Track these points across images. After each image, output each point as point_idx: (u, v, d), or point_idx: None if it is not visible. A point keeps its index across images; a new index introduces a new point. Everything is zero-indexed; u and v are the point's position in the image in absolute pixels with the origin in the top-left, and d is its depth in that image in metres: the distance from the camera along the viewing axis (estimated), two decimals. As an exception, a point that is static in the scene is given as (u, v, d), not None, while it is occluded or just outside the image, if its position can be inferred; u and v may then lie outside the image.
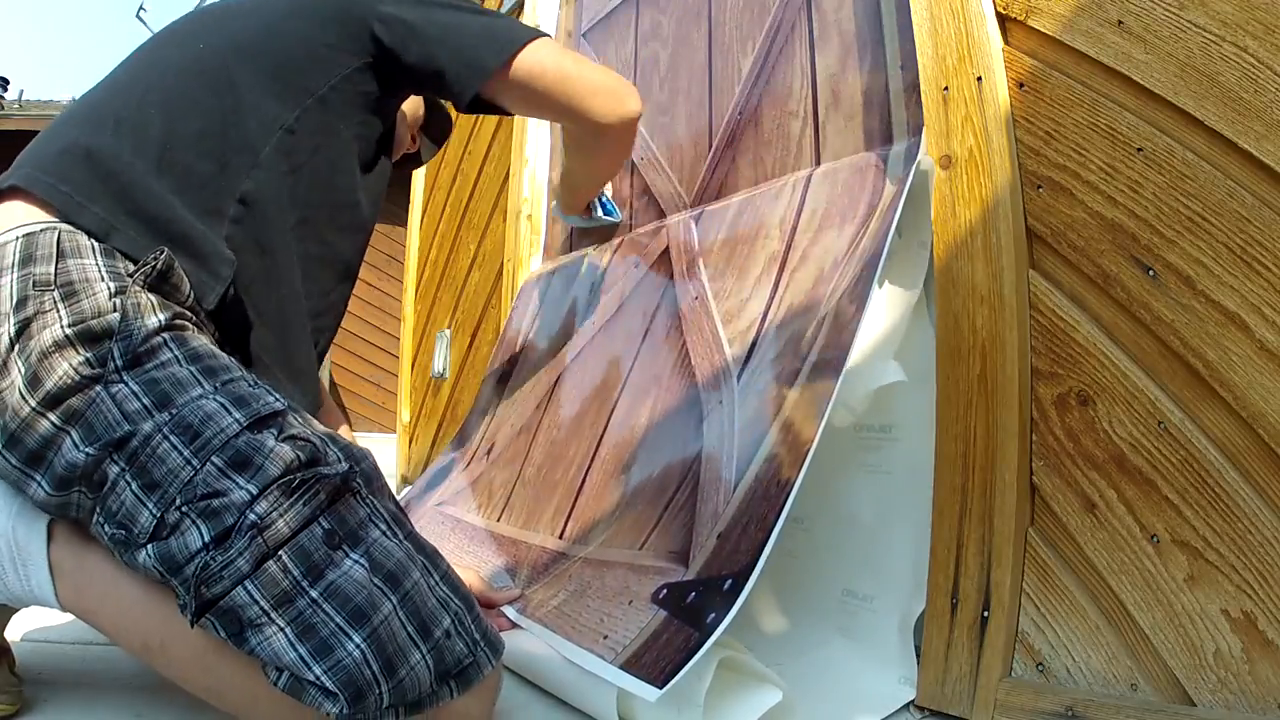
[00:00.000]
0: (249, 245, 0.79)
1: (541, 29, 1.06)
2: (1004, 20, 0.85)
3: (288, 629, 0.60)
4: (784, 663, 0.86)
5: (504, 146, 1.91)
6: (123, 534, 0.62)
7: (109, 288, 0.68)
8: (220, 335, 0.78)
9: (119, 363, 0.65)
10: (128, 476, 0.63)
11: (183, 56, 0.84)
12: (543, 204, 1.77)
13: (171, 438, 0.63)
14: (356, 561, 0.63)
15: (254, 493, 0.61)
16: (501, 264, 1.81)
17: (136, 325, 0.67)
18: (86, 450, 0.63)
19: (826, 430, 0.75)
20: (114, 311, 0.67)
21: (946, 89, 0.87)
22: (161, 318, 0.69)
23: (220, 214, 0.78)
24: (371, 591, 0.62)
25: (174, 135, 0.78)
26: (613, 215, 1.44)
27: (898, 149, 0.93)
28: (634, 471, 1.00)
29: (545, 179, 1.78)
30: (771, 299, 0.97)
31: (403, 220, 2.55)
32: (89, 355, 0.65)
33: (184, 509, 0.61)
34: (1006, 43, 0.84)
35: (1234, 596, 0.64)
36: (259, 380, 0.70)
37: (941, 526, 0.79)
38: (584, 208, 1.40)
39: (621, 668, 0.70)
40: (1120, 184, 0.74)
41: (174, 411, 0.64)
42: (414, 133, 1.16)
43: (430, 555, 0.68)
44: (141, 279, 0.70)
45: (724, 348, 0.99)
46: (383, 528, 0.66)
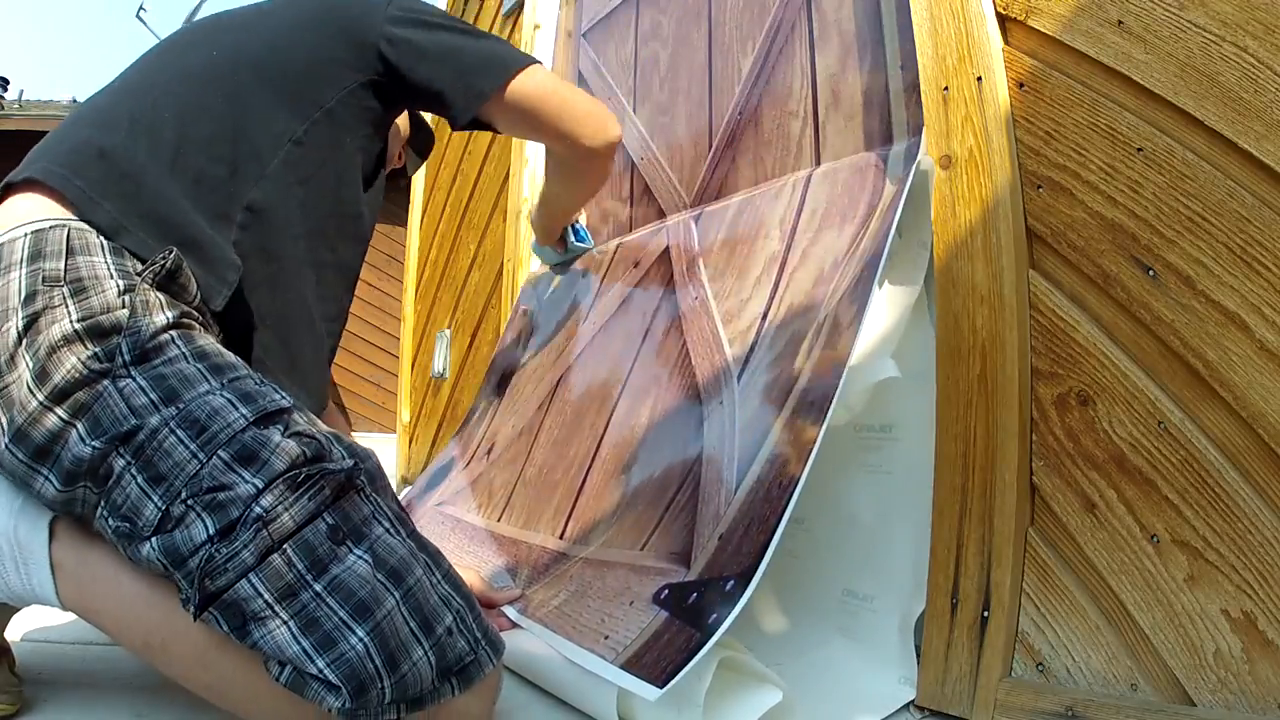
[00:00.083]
0: (256, 252, 0.80)
1: (537, 57, 1.10)
2: (1004, 20, 0.85)
3: (291, 622, 0.60)
4: (784, 663, 0.86)
5: (504, 146, 1.91)
6: (127, 527, 0.62)
7: (118, 285, 0.68)
8: (225, 336, 0.78)
9: (127, 358, 0.66)
10: (133, 470, 0.63)
11: (194, 63, 0.85)
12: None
13: (178, 431, 0.63)
14: (360, 557, 0.63)
15: (259, 486, 0.62)
16: (501, 264, 1.81)
17: (145, 322, 0.67)
18: (93, 444, 0.63)
19: (827, 430, 0.75)
20: (123, 308, 0.67)
21: (946, 89, 0.87)
22: (169, 315, 0.69)
23: (229, 220, 0.79)
24: (375, 587, 0.62)
25: (186, 139, 0.79)
26: (585, 243, 1.48)
27: (898, 149, 0.93)
28: (634, 472, 1.00)
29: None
30: (772, 299, 0.97)
31: (403, 220, 2.55)
32: (97, 350, 0.65)
33: (189, 502, 0.61)
34: (1006, 43, 0.84)
35: (1234, 596, 0.64)
36: (264, 379, 0.71)
37: (941, 526, 0.80)
38: (559, 236, 1.43)
39: (622, 668, 0.71)
40: (1120, 184, 0.74)
41: (181, 406, 0.65)
42: (400, 148, 1.18)
43: (433, 554, 0.68)
44: (150, 277, 0.70)
45: (724, 348, 0.99)
46: (386, 525, 0.66)
